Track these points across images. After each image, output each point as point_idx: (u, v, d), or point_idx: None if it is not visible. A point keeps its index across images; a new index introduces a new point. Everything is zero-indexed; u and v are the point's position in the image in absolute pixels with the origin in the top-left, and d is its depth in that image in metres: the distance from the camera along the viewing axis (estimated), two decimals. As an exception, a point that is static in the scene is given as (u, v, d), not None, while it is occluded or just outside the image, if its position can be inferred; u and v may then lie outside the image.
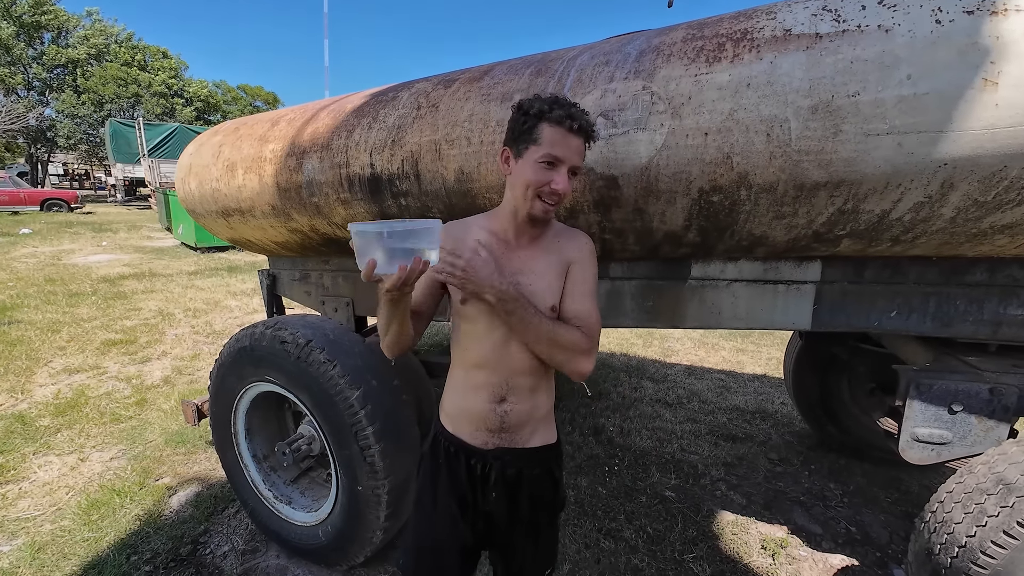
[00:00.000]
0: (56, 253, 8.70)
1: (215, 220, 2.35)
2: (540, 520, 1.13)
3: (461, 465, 1.09)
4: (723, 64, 1.15)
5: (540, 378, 1.07)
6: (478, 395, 1.05)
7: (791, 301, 1.51)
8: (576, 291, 1.03)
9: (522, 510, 1.10)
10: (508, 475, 1.08)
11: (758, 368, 4.22)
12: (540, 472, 1.11)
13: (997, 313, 1.35)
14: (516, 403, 1.05)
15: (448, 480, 1.11)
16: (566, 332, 0.98)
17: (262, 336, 1.76)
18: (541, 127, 0.94)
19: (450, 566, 1.13)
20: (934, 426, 1.42)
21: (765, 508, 2.33)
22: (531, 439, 1.09)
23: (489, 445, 1.07)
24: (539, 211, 0.98)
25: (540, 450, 1.11)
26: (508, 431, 1.06)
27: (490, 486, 1.08)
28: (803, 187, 1.15)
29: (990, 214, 1.09)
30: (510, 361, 1.03)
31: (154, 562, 1.92)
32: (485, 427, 1.06)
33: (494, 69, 1.59)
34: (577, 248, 1.06)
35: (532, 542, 1.14)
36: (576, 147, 0.96)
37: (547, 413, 1.13)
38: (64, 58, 21.90)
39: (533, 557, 1.16)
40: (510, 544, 1.14)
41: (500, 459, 1.07)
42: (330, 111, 1.88)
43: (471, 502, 1.10)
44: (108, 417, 3.06)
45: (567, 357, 0.98)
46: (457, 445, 1.10)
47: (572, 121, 0.93)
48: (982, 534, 1.18)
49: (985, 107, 0.94)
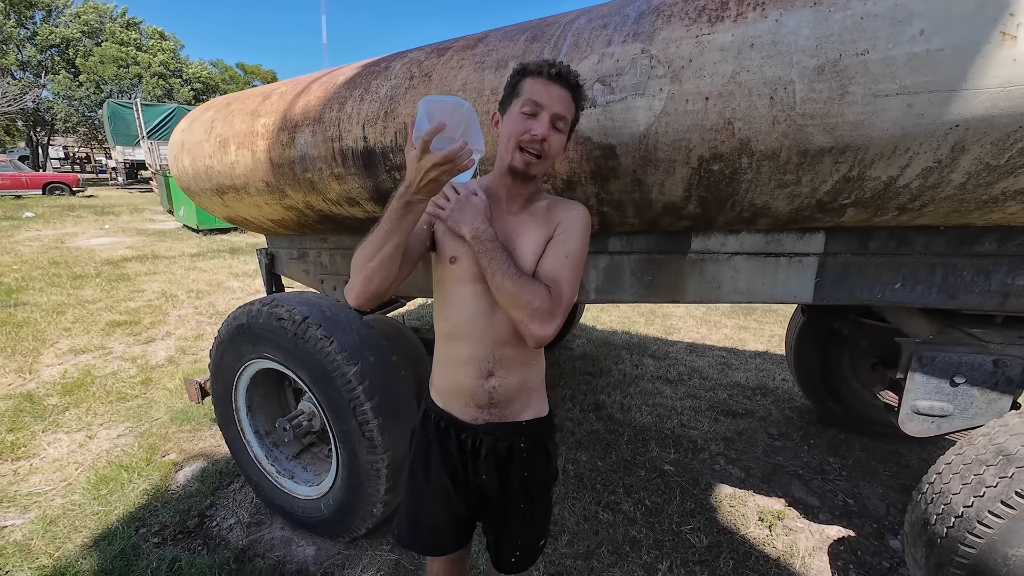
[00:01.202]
0: (59, 236, 8.73)
1: (210, 198, 2.32)
2: (533, 493, 1.13)
3: (452, 440, 1.09)
4: (726, 24, 1.09)
5: (529, 349, 1.03)
6: (465, 370, 1.03)
7: (793, 274, 1.48)
8: (553, 251, 0.99)
9: (514, 484, 1.10)
10: (499, 449, 1.07)
11: (760, 345, 4.21)
12: (532, 445, 1.10)
13: (1005, 284, 1.32)
14: (505, 377, 1.03)
15: (439, 454, 1.10)
16: (531, 285, 0.92)
17: (259, 313, 1.76)
18: (524, 81, 0.95)
19: (444, 537, 1.15)
20: (935, 398, 1.40)
21: (763, 481, 2.35)
22: (522, 412, 1.09)
23: (479, 420, 1.06)
24: (520, 163, 0.96)
25: (532, 423, 1.10)
26: (498, 406, 1.05)
27: (480, 461, 1.07)
28: (807, 153, 1.10)
29: (1002, 179, 1.04)
30: (495, 331, 1.00)
31: (162, 534, 1.96)
32: (474, 403, 1.05)
33: (488, 36, 1.53)
34: (568, 214, 1.03)
35: (525, 515, 1.14)
36: (557, 95, 0.94)
37: (538, 385, 1.12)
38: (57, 37, 21.49)
39: (526, 529, 1.16)
40: (503, 517, 1.14)
41: (491, 434, 1.06)
42: (322, 83, 1.83)
43: (463, 476, 1.10)
44: (114, 396, 3.11)
45: (525, 315, 0.92)
46: (447, 420, 1.09)
47: (551, 68, 0.93)
48: (979, 504, 1.17)
49: (1002, 63, 0.89)
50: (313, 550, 1.89)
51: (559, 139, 0.97)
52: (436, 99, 0.85)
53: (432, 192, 0.87)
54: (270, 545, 1.92)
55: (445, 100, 0.84)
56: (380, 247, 0.91)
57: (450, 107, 0.84)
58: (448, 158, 0.80)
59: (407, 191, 0.85)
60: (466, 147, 0.82)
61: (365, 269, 0.94)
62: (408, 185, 0.85)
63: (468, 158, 0.83)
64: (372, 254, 0.93)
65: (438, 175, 0.82)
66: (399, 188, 0.88)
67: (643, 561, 1.85)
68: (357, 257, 0.96)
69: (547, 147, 0.95)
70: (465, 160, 0.82)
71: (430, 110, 0.84)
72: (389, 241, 0.91)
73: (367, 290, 0.96)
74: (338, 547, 1.90)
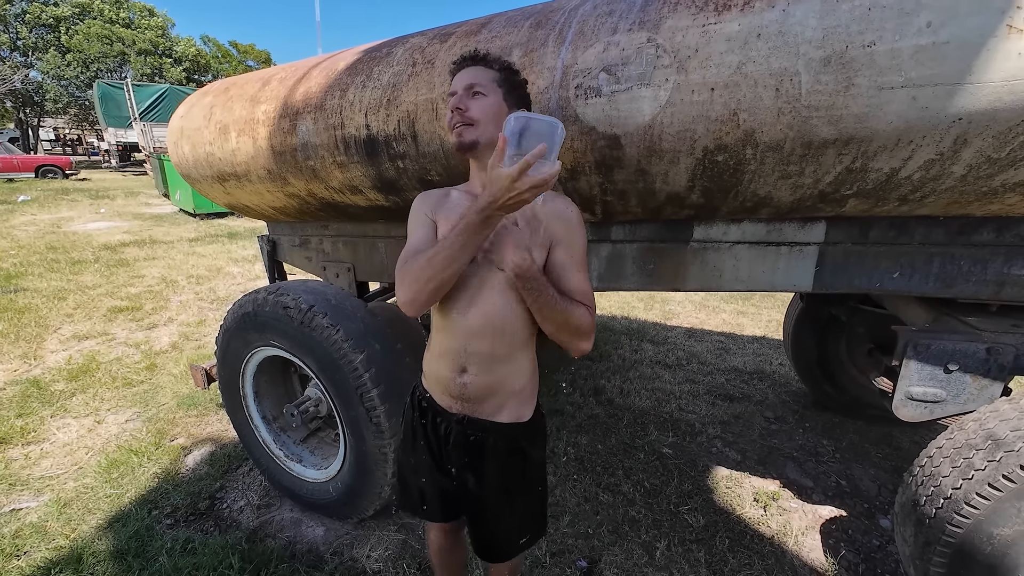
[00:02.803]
0: (55, 221, 8.67)
1: (211, 185, 2.31)
2: (508, 490, 1.13)
3: (429, 421, 1.14)
4: (733, 13, 1.09)
5: (507, 347, 1.03)
6: (442, 361, 1.07)
7: (793, 263, 1.50)
8: (571, 265, 1.02)
9: (489, 477, 1.11)
10: (470, 441, 1.09)
11: (758, 330, 4.26)
12: (506, 447, 1.10)
13: (1001, 273, 1.34)
14: (477, 375, 1.04)
15: (422, 431, 1.16)
16: (576, 311, 0.97)
17: (265, 302, 1.78)
18: None
19: (432, 505, 1.20)
20: (928, 385, 1.44)
21: (759, 463, 2.41)
22: (497, 413, 1.08)
23: (453, 409, 1.10)
24: (453, 138, 1.02)
25: (507, 427, 1.09)
26: (470, 401, 1.07)
27: (451, 447, 1.11)
28: (811, 145, 1.11)
29: (1003, 171, 1.06)
30: (466, 323, 1.01)
31: (174, 516, 2.02)
32: (448, 393, 1.09)
33: (492, 21, 1.52)
34: (561, 217, 1.03)
35: (499, 509, 1.14)
36: (466, 74, 1.04)
37: (520, 390, 1.09)
38: (49, 16, 20.93)
39: (499, 523, 1.16)
40: (477, 505, 1.15)
41: (461, 424, 1.09)
42: (322, 69, 1.81)
43: (439, 457, 1.15)
44: (120, 381, 3.14)
45: (573, 336, 0.99)
46: (428, 401, 1.14)
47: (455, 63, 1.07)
48: (967, 486, 1.22)
49: (1007, 57, 0.89)
50: (322, 531, 1.95)
51: (481, 101, 1.01)
52: (534, 117, 0.83)
53: (515, 208, 0.86)
54: (280, 526, 1.98)
55: (543, 120, 0.82)
56: (452, 262, 0.92)
57: (548, 128, 0.82)
58: (546, 180, 0.81)
59: (490, 206, 0.84)
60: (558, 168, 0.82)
61: (436, 281, 0.94)
62: (492, 201, 0.84)
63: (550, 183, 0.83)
64: (444, 267, 0.92)
65: (531, 196, 0.83)
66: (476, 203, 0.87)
67: (642, 540, 1.91)
68: (422, 268, 0.94)
69: (469, 114, 0.99)
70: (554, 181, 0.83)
71: (527, 127, 0.82)
72: (463, 255, 0.92)
73: (431, 303, 0.99)
74: (346, 527, 1.96)
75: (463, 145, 1.02)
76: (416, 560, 1.81)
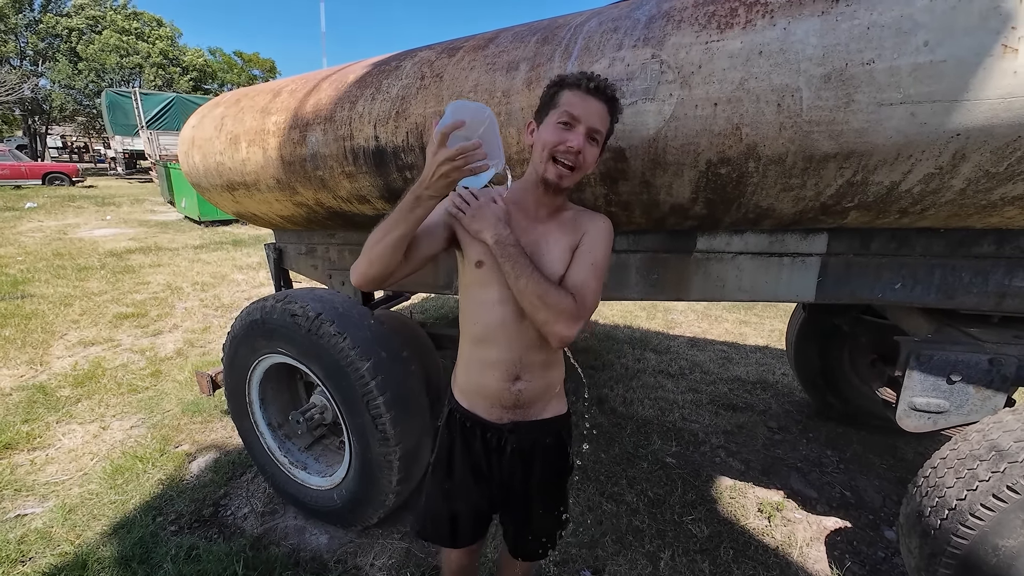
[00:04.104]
0: (62, 227, 8.74)
1: (220, 194, 2.35)
2: (552, 484, 1.20)
3: (476, 438, 1.14)
4: (735, 31, 1.12)
5: (552, 352, 1.09)
6: (492, 373, 1.07)
7: (796, 273, 1.51)
8: (580, 260, 1.03)
9: (535, 476, 1.16)
10: (523, 445, 1.13)
11: (760, 340, 4.26)
12: (552, 441, 1.17)
13: (1002, 284, 1.36)
14: (531, 381, 1.08)
15: (463, 452, 1.16)
16: (556, 292, 0.96)
17: (273, 309, 1.80)
18: (562, 93, 0.97)
19: (464, 529, 1.21)
20: (932, 395, 1.45)
21: (763, 474, 2.41)
22: (544, 411, 1.15)
23: (504, 419, 1.12)
24: (552, 175, 0.98)
25: (552, 421, 1.16)
26: (523, 407, 1.11)
27: (505, 457, 1.14)
28: (812, 159, 1.14)
29: (1001, 185, 1.08)
30: (524, 336, 1.04)
31: (179, 522, 2.02)
32: (500, 404, 1.10)
33: (499, 36, 1.55)
34: (594, 225, 1.07)
35: (545, 505, 1.21)
36: (595, 109, 0.96)
37: (559, 388, 1.19)
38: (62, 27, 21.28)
39: (546, 520, 1.23)
40: (524, 508, 1.21)
41: (515, 432, 1.12)
42: (332, 81, 1.85)
43: (486, 472, 1.16)
44: (125, 388, 3.16)
45: (550, 316, 0.95)
46: (472, 420, 1.14)
47: (589, 81, 0.95)
48: (972, 497, 1.22)
49: (1003, 75, 0.92)
50: (326, 538, 1.95)
51: (593, 152, 0.99)
52: (462, 103, 0.90)
53: (443, 190, 0.91)
54: (284, 533, 1.98)
55: (469, 104, 0.89)
56: (385, 235, 0.95)
57: (472, 109, 0.89)
58: (459, 153, 0.85)
59: (419, 186, 0.91)
60: (480, 148, 0.86)
61: (369, 253, 0.98)
62: (422, 180, 0.90)
63: (481, 160, 0.87)
64: (377, 240, 0.96)
65: (448, 170, 0.87)
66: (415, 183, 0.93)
67: (646, 550, 1.91)
68: (367, 241, 0.99)
69: (581, 159, 0.97)
70: (477, 161, 0.86)
71: (455, 111, 0.88)
72: (394, 231, 0.94)
73: (367, 273, 0.99)
74: (350, 535, 1.96)
75: (558, 188, 1.01)
76: (420, 569, 1.80)
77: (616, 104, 1.00)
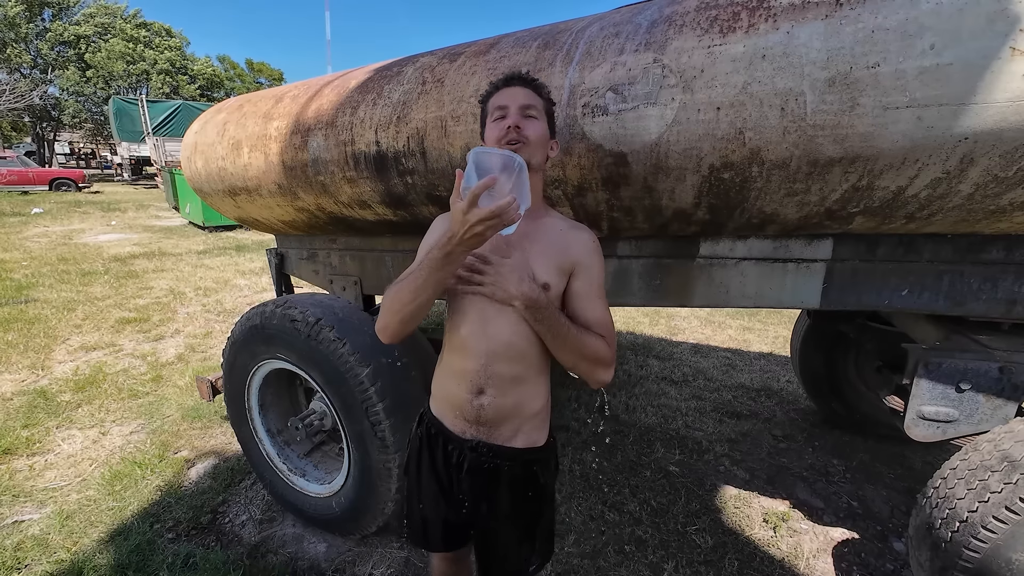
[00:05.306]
0: (67, 232, 8.81)
1: (222, 199, 2.35)
2: (519, 515, 1.10)
3: (439, 449, 1.09)
4: (737, 35, 1.11)
5: (527, 369, 1.01)
6: (458, 382, 1.02)
7: (800, 279, 1.49)
8: (589, 296, 1.00)
9: (502, 507, 1.07)
10: (484, 468, 1.05)
11: (764, 346, 4.22)
12: (520, 473, 1.07)
13: (1012, 291, 1.33)
14: (496, 396, 1.00)
15: (428, 459, 1.11)
16: (592, 342, 0.95)
17: (272, 314, 1.79)
18: (488, 101, 1.05)
19: (434, 535, 1.16)
20: (940, 404, 1.42)
21: (768, 483, 2.37)
22: (513, 439, 1.05)
23: (467, 435, 1.05)
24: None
25: (522, 452, 1.06)
26: (486, 424, 1.02)
27: (463, 475, 1.06)
28: (817, 163, 1.12)
29: (1010, 190, 1.06)
30: (487, 346, 0.98)
31: (176, 530, 2.00)
32: (463, 416, 1.04)
33: (500, 42, 1.55)
34: (583, 245, 1.03)
35: (514, 535, 1.12)
36: (517, 92, 1.01)
37: (536, 414, 1.07)
38: (71, 35, 21.59)
39: (516, 551, 1.13)
40: (491, 531, 1.13)
41: (475, 451, 1.04)
42: (334, 87, 1.85)
43: (447, 485, 1.10)
44: (126, 393, 3.15)
45: (590, 367, 0.96)
46: (437, 428, 1.09)
47: (503, 79, 1.03)
48: (984, 509, 1.19)
49: (1012, 78, 0.90)
50: (324, 547, 1.93)
51: (536, 124, 1.00)
52: (486, 151, 0.85)
53: (475, 245, 0.86)
54: (282, 542, 1.96)
55: (495, 153, 0.84)
56: (417, 295, 0.92)
57: (500, 161, 0.83)
58: (495, 213, 0.80)
59: (449, 242, 0.85)
60: (514, 203, 0.80)
61: (402, 313, 0.95)
62: (451, 236, 0.84)
63: (515, 213, 0.81)
64: (410, 300, 0.93)
65: (484, 230, 0.82)
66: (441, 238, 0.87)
67: (649, 561, 1.87)
68: (392, 299, 0.96)
69: (525, 133, 0.98)
70: (512, 215, 0.81)
71: (479, 162, 0.83)
72: (426, 290, 0.91)
73: (402, 332, 1.00)
74: (349, 544, 1.93)
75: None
76: (419, 579, 1.78)
77: (536, 83, 1.04)
